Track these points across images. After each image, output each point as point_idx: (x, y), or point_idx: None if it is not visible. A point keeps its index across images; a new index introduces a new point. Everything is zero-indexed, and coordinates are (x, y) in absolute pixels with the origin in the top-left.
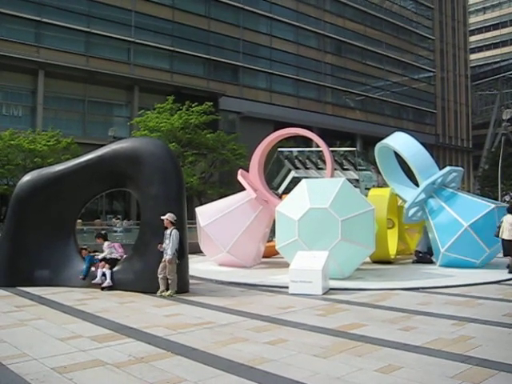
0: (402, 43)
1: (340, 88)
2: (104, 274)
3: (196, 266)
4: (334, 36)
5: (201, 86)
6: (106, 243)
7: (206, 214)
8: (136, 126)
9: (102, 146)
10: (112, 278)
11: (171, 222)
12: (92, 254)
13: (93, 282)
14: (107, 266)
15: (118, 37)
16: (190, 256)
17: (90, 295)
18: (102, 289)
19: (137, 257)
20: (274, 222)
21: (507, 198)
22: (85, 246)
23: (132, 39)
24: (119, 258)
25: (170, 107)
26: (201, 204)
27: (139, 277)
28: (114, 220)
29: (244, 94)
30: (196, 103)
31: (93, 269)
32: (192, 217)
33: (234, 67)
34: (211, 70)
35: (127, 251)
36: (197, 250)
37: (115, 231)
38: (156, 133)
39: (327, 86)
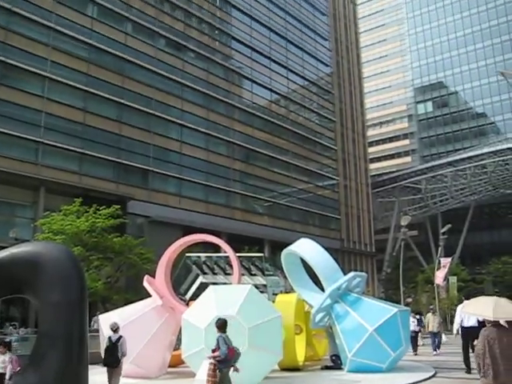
0: (307, 152)
1: (248, 194)
2: None
3: (95, 377)
4: (242, 144)
5: (110, 189)
6: (8, 356)
7: (109, 321)
8: (40, 228)
9: (2, 248)
10: None
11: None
12: None
13: None
14: None
15: (26, 136)
16: (90, 367)
17: None
18: None
19: (31, 370)
20: (181, 329)
21: (409, 299)
22: None
23: (41, 140)
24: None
25: (77, 209)
26: (105, 310)
27: None
28: (10, 328)
29: (153, 198)
30: (104, 206)
31: None
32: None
33: (144, 171)
34: (121, 174)
35: (22, 363)
36: (99, 361)
37: (10, 340)
38: (60, 235)
39: (236, 191)
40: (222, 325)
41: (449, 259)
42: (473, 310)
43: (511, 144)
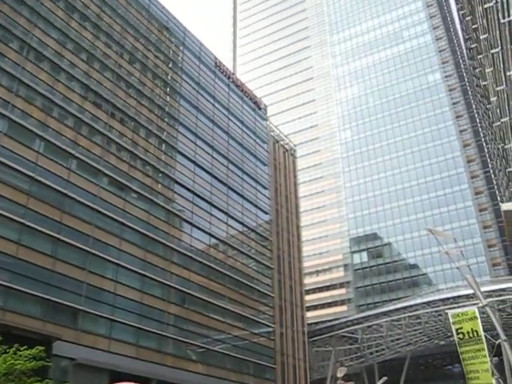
0: (243, 298)
1: (182, 339)
2: None
3: None
4: (178, 287)
5: (35, 327)
6: None
7: None
8: None
9: None
10: None
11: None
12: None
13: None
14: None
15: None
16: None
17: None
18: None
19: None
20: None
21: None
22: None
23: None
24: None
25: None
26: None
27: None
28: None
29: (81, 339)
30: (26, 346)
31: None
32: None
33: (74, 310)
34: (49, 312)
35: None
36: None
37: None
38: None
39: (169, 336)
40: None
41: None
42: None
43: (443, 295)
